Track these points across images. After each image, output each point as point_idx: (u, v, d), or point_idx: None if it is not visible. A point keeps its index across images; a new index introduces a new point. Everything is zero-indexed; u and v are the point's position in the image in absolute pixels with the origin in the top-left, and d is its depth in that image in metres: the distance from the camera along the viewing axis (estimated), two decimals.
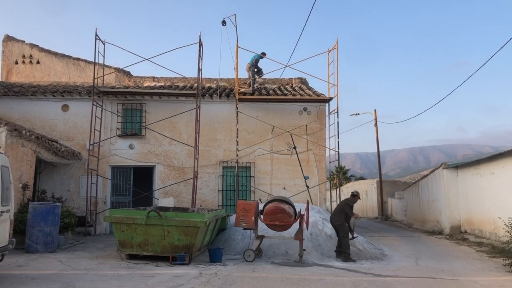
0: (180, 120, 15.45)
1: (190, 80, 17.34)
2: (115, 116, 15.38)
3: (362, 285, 7.38)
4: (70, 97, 15.32)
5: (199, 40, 14.74)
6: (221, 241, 11.07)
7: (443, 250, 12.11)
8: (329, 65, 16.05)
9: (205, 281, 7.38)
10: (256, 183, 15.43)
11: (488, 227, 13.52)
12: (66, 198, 14.52)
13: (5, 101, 15.04)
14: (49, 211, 10.28)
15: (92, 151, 14.56)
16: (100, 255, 9.97)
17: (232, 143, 15.31)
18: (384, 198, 28.29)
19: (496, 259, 10.25)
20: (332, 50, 15.99)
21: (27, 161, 11.88)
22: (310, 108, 15.91)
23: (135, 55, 15.26)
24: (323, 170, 16.03)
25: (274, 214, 9.60)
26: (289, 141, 15.45)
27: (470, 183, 15.13)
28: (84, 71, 17.89)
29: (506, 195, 12.35)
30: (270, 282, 7.45)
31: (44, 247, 10.07)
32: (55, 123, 15.23)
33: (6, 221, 7.37)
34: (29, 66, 17.91)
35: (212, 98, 15.72)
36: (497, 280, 7.93)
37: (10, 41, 18.00)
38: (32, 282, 6.95)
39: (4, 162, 7.60)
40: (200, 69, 14.90)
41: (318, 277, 7.90)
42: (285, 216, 9.58)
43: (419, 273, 8.57)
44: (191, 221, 8.98)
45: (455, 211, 15.96)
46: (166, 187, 15.08)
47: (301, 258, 9.46)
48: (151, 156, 15.39)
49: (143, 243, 9.15)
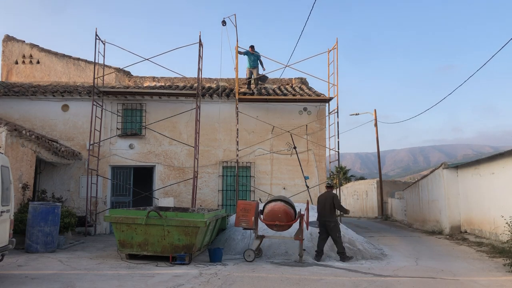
0: (180, 120, 15.45)
1: (190, 80, 17.35)
2: (115, 116, 15.38)
3: (362, 285, 7.38)
4: (70, 97, 15.32)
5: (199, 40, 14.75)
6: (221, 241, 11.07)
7: (443, 250, 12.11)
8: (329, 65, 16.07)
9: (205, 281, 7.38)
10: (256, 183, 15.43)
11: (488, 227, 13.52)
12: (66, 198, 14.52)
13: (5, 101, 15.04)
14: (49, 211, 10.28)
15: (92, 151, 14.56)
16: (100, 255, 9.98)
17: (232, 143, 15.31)
18: (384, 198, 28.29)
19: (496, 259, 10.25)
20: (332, 50, 15.99)
21: (27, 161, 11.88)
22: (310, 108, 15.92)
23: (135, 55, 15.29)
24: (323, 170, 16.03)
25: (274, 214, 9.59)
26: (289, 141, 15.46)
27: (470, 183, 15.13)
28: (84, 71, 17.90)
29: (506, 195, 12.35)
30: (270, 282, 7.45)
31: (44, 247, 10.08)
32: (55, 123, 15.23)
33: (6, 221, 7.37)
34: (29, 66, 17.92)
35: (212, 98, 15.72)
36: (497, 280, 7.93)
37: (10, 41, 18.01)
38: (32, 282, 6.95)
39: (4, 162, 7.60)
40: (200, 69, 14.91)
41: (318, 277, 7.91)
42: (285, 216, 9.58)
43: (419, 273, 8.57)
44: (191, 221, 8.98)
45: (455, 211, 15.96)
46: (166, 187, 15.08)
47: (301, 258, 9.46)
48: (151, 156, 15.40)
49: (143, 243, 9.15)
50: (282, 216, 9.56)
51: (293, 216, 9.69)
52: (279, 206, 9.64)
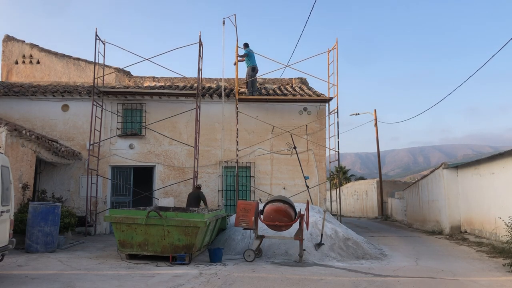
0: (180, 120, 15.45)
1: (190, 80, 17.36)
2: (115, 116, 15.39)
3: (362, 285, 7.38)
4: (70, 97, 15.33)
5: (199, 40, 14.76)
6: (221, 241, 11.06)
7: (443, 250, 12.11)
8: (329, 65, 16.08)
9: (205, 281, 7.38)
10: (256, 183, 15.43)
11: (488, 227, 13.52)
12: (66, 198, 14.53)
13: (5, 101, 15.05)
14: (49, 211, 10.28)
15: (92, 151, 14.56)
16: (100, 255, 9.98)
17: (232, 143, 15.32)
18: (384, 198, 28.30)
19: (496, 259, 10.25)
20: (332, 50, 16.00)
21: (27, 161, 11.88)
22: (310, 108, 15.92)
23: (135, 55, 15.33)
24: (323, 170, 16.03)
25: (274, 214, 9.59)
26: (289, 141, 15.46)
27: (470, 183, 15.13)
28: (84, 71, 17.90)
29: (506, 195, 12.35)
30: (270, 282, 7.45)
31: (44, 247, 10.08)
32: (55, 123, 15.24)
33: (6, 221, 7.38)
34: (29, 66, 17.93)
35: (212, 98, 15.73)
36: (497, 280, 7.93)
37: (10, 41, 18.02)
38: (32, 282, 6.95)
39: (4, 162, 7.60)
40: (200, 69, 14.92)
41: (318, 277, 7.91)
42: (285, 216, 9.58)
43: (419, 273, 8.57)
44: (191, 221, 8.99)
45: (455, 211, 15.96)
46: (166, 187, 15.09)
47: (301, 258, 9.46)
48: (151, 156, 15.40)
49: (143, 243, 9.15)
50: (282, 216, 9.56)
51: (293, 216, 9.68)
52: (279, 206, 9.63)
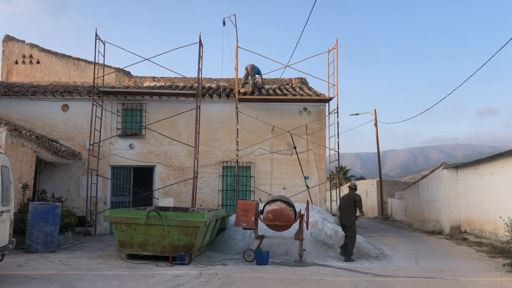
0: (180, 120, 15.45)
1: (190, 80, 17.35)
2: (115, 116, 15.38)
3: (362, 285, 7.38)
4: (70, 97, 15.33)
5: (199, 40, 14.75)
6: (221, 241, 11.07)
7: (443, 250, 12.11)
8: (329, 65, 16.08)
9: (205, 281, 7.38)
10: (256, 183, 15.43)
11: (488, 227, 13.53)
12: (66, 198, 14.52)
13: (5, 101, 15.04)
14: (49, 211, 10.28)
15: (92, 151, 14.56)
16: (100, 255, 9.98)
17: (232, 143, 15.31)
18: (384, 198, 28.31)
19: (496, 259, 10.26)
20: (332, 50, 16.00)
21: (27, 161, 11.88)
22: (310, 108, 15.91)
23: (135, 55, 15.31)
24: (323, 170, 16.02)
25: (274, 214, 9.59)
26: (289, 141, 15.46)
27: (470, 183, 15.13)
28: (84, 71, 17.90)
29: (506, 195, 12.36)
30: (270, 282, 7.46)
31: (44, 247, 10.08)
32: (55, 123, 15.23)
33: (6, 221, 7.38)
34: (29, 66, 17.93)
35: (212, 98, 15.72)
36: (497, 280, 7.93)
37: (10, 41, 18.01)
38: (32, 282, 6.95)
39: (4, 162, 7.60)
40: (200, 69, 14.91)
41: (318, 277, 7.91)
42: (285, 216, 9.58)
43: (419, 273, 8.57)
44: (191, 221, 8.99)
45: (455, 211, 15.97)
46: (166, 187, 15.08)
47: (301, 258, 9.46)
48: (151, 156, 15.39)
49: (143, 243, 9.15)
50: (282, 216, 9.56)
51: (293, 216, 9.69)
52: (279, 206, 9.64)
